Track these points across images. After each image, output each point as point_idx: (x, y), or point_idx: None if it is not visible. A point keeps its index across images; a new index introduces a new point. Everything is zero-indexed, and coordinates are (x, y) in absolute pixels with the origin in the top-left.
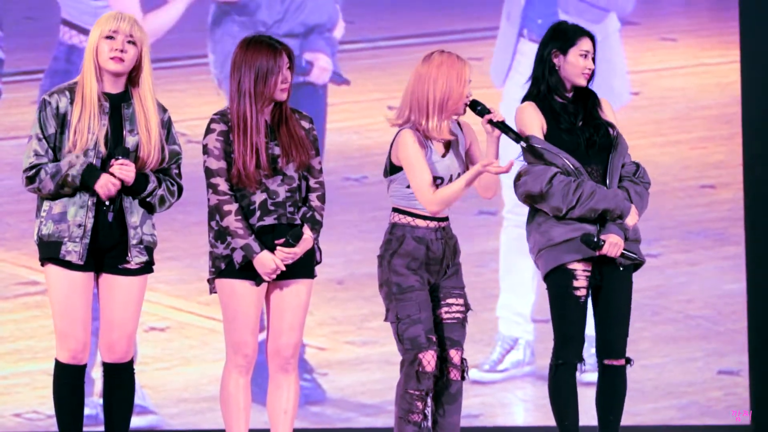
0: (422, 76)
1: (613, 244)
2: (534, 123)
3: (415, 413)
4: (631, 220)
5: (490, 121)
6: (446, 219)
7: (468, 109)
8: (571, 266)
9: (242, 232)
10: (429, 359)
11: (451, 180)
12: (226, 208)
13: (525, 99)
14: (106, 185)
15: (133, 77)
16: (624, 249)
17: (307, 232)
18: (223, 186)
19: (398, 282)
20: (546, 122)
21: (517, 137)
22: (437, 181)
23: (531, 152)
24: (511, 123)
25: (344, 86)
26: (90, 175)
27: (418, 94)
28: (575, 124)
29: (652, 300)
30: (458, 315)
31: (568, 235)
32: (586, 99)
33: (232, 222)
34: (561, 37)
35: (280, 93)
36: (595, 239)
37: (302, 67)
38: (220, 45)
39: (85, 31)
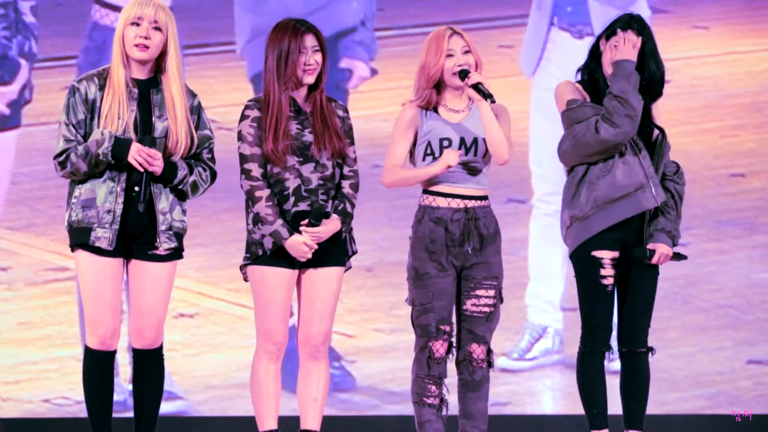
0: (421, 51)
1: (663, 255)
2: (573, 93)
3: (430, 396)
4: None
5: (473, 86)
6: (478, 198)
7: (468, 82)
8: (598, 254)
9: (272, 219)
10: (438, 347)
11: (462, 144)
12: (258, 194)
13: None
14: (138, 153)
15: (160, 63)
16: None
17: (334, 217)
18: (256, 172)
19: (416, 267)
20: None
21: (485, 96)
22: (444, 143)
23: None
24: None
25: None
26: (120, 148)
27: (418, 68)
28: None
29: (682, 289)
30: (485, 309)
31: (598, 210)
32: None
33: (263, 208)
34: (609, 24)
35: (306, 75)
36: (645, 253)
37: (342, 76)
38: (239, 12)
39: (114, 8)
